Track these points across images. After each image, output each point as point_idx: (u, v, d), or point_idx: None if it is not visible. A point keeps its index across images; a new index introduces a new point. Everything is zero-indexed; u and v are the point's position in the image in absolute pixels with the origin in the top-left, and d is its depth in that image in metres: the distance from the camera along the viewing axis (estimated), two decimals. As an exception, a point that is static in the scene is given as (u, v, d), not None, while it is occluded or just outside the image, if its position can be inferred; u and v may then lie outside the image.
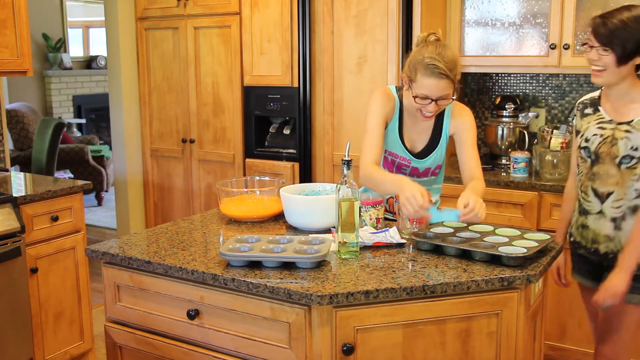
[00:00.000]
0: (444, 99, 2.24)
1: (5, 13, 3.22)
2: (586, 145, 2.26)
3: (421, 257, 2.01)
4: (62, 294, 3.24)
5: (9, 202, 2.94)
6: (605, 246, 2.27)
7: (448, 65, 2.18)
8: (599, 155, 2.21)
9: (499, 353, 1.88)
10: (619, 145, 2.17)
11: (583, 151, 2.27)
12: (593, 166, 2.24)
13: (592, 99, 2.33)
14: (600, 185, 2.22)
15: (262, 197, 2.51)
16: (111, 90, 4.53)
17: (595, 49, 2.13)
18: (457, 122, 2.41)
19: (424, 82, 2.20)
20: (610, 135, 2.19)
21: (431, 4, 3.45)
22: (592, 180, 2.25)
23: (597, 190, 2.23)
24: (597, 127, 2.24)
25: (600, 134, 2.22)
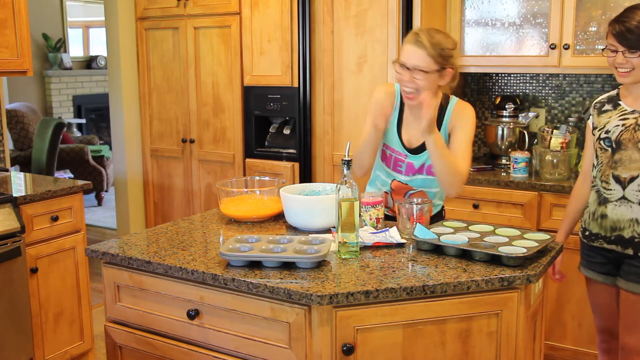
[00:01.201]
0: (418, 70, 2.24)
1: (5, 13, 3.22)
2: (607, 136, 2.30)
3: (421, 257, 2.01)
4: (62, 294, 3.24)
5: (9, 202, 2.94)
6: (632, 230, 2.28)
7: (429, 39, 2.23)
8: (621, 142, 2.26)
9: (499, 353, 1.88)
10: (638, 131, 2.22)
11: (603, 142, 2.31)
12: (614, 154, 2.27)
13: (610, 96, 2.39)
14: (623, 171, 2.25)
15: (262, 197, 2.51)
16: (111, 90, 4.53)
17: (620, 53, 2.20)
18: (455, 118, 2.41)
19: (403, 48, 2.30)
20: (633, 123, 2.25)
21: (431, 4, 3.45)
22: (613, 168, 2.27)
23: (620, 176, 2.26)
24: (619, 119, 2.29)
25: (623, 124, 2.27)
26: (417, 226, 2.13)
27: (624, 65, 2.21)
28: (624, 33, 2.18)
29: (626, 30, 2.17)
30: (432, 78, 2.27)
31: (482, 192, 3.30)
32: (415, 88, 2.28)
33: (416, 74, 2.25)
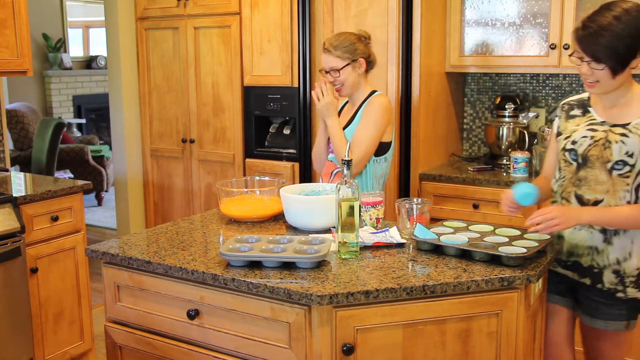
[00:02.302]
0: (334, 71, 2.67)
1: (5, 13, 3.22)
2: (572, 148, 2.08)
3: (421, 257, 2.01)
4: (62, 294, 3.24)
5: (9, 202, 2.94)
6: (591, 259, 2.10)
7: (332, 44, 2.66)
8: (588, 158, 2.04)
9: (499, 353, 1.88)
10: (612, 149, 1.99)
11: (568, 154, 2.09)
12: (579, 170, 2.06)
13: (581, 100, 2.17)
14: (587, 191, 2.04)
15: (262, 197, 2.51)
16: (111, 90, 4.53)
17: (586, 62, 1.95)
18: (367, 105, 2.70)
19: (322, 59, 2.72)
20: (602, 137, 2.02)
21: (431, 4, 3.45)
22: (576, 186, 2.06)
23: (583, 196, 2.05)
24: (587, 129, 2.07)
25: (591, 136, 2.05)
26: (417, 226, 2.13)
27: (589, 76, 1.97)
28: (586, 40, 1.92)
29: (589, 37, 1.91)
30: (347, 71, 2.67)
31: (482, 192, 3.30)
32: (339, 83, 2.69)
33: (333, 73, 2.68)
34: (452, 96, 3.80)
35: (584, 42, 1.93)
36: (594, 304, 2.15)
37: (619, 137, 2.00)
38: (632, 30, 1.89)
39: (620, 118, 2.03)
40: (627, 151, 1.98)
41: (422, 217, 2.24)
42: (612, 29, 1.88)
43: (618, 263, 2.08)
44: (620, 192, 2.00)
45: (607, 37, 1.89)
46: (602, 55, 1.90)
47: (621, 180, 2.00)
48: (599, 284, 2.12)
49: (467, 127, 3.97)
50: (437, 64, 3.59)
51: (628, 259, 2.08)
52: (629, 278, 2.08)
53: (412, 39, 3.39)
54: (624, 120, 2.02)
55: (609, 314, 2.13)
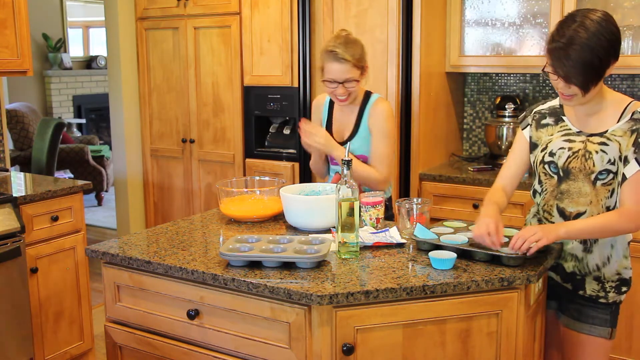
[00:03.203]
0: (349, 81, 2.51)
1: (5, 13, 3.22)
2: (551, 160, 2.04)
3: (421, 257, 2.01)
4: (62, 294, 3.24)
5: (9, 202, 2.94)
6: (573, 265, 2.10)
7: (347, 52, 2.48)
8: (570, 171, 2.00)
9: (499, 353, 1.88)
10: (594, 159, 1.96)
11: (548, 167, 2.06)
12: (561, 183, 2.03)
13: (553, 108, 2.11)
14: (569, 204, 2.02)
15: (262, 197, 2.51)
16: (111, 90, 4.53)
17: (561, 79, 1.89)
18: (371, 117, 2.61)
19: (328, 67, 2.53)
20: (581, 148, 1.98)
21: (431, 4, 3.45)
22: (558, 199, 2.04)
23: (565, 210, 2.03)
24: (563, 140, 2.03)
25: (569, 147, 2.01)
26: (417, 226, 2.13)
27: (567, 90, 1.91)
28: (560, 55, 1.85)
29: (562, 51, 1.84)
30: (360, 81, 2.57)
31: (482, 192, 3.29)
32: (348, 93, 2.55)
33: (348, 84, 2.52)
34: (452, 96, 3.80)
35: (555, 58, 1.87)
36: (579, 307, 2.14)
37: (599, 146, 1.96)
38: (601, 40, 1.83)
39: (597, 127, 1.99)
40: (609, 159, 1.95)
41: (422, 217, 2.24)
42: (581, 42, 1.82)
43: (598, 269, 2.08)
44: (602, 201, 1.99)
45: (578, 51, 1.82)
46: (575, 72, 1.84)
47: (604, 189, 1.98)
48: (581, 290, 2.12)
49: (467, 127, 3.97)
50: (437, 64, 3.59)
51: (607, 265, 2.07)
52: (609, 283, 2.09)
53: (412, 39, 3.39)
54: (601, 129, 1.98)
55: (594, 317, 2.12)
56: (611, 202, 1.99)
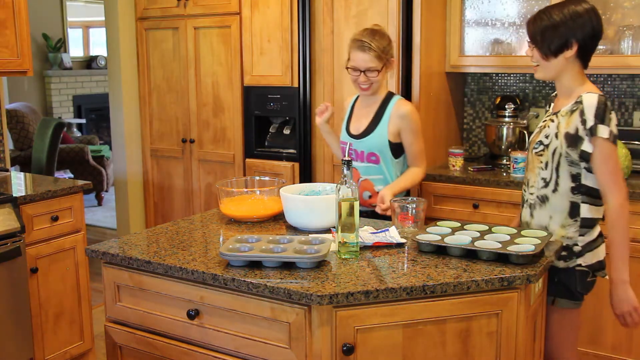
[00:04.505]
0: (371, 71, 2.64)
1: (5, 13, 3.22)
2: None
3: (421, 257, 2.01)
4: (62, 294, 3.24)
5: (9, 202, 2.94)
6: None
7: (373, 43, 2.61)
8: (530, 143, 2.29)
9: (499, 353, 1.88)
10: (541, 133, 2.22)
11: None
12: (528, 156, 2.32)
13: (551, 98, 2.39)
14: (526, 172, 2.31)
15: (262, 197, 2.51)
16: (111, 90, 4.53)
17: (530, 46, 2.17)
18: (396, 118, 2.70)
19: (353, 56, 2.67)
20: (543, 125, 2.25)
21: (431, 4, 3.45)
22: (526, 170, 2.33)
23: (524, 178, 2.33)
24: (542, 121, 2.30)
25: (539, 125, 2.30)
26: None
27: (532, 58, 2.18)
28: (528, 24, 2.17)
29: (530, 22, 2.16)
30: (383, 72, 2.68)
31: (482, 192, 3.30)
32: (371, 82, 2.68)
33: (370, 74, 2.65)
34: (452, 96, 3.80)
35: (528, 25, 2.17)
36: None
37: (549, 122, 2.21)
38: (568, 22, 2.08)
39: (559, 107, 2.21)
40: (547, 134, 2.18)
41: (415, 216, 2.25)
42: (551, 17, 2.10)
43: None
44: (536, 169, 2.21)
45: (545, 22, 2.11)
46: (535, 35, 2.13)
47: (536, 158, 2.21)
48: None
49: (467, 127, 3.97)
50: (437, 64, 3.59)
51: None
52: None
53: (412, 39, 3.39)
54: (559, 109, 2.20)
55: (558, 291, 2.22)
56: (546, 174, 2.18)
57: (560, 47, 2.09)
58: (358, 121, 2.81)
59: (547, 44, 2.10)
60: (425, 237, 2.08)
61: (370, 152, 2.75)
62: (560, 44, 2.09)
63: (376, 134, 2.73)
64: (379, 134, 2.73)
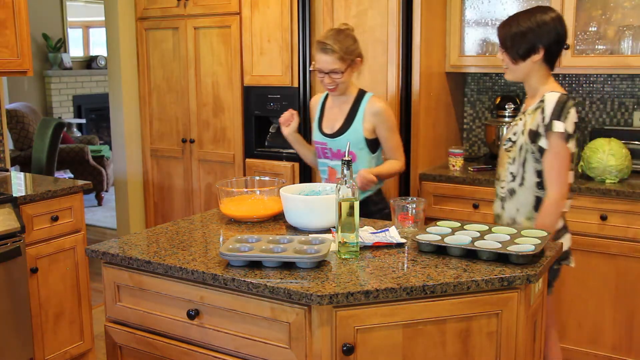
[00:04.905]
0: (335, 72, 2.65)
1: (5, 13, 3.22)
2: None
3: (421, 257, 2.01)
4: (62, 294, 3.24)
5: (9, 202, 2.94)
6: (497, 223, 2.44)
7: (336, 44, 2.61)
8: (501, 141, 2.44)
9: (499, 353, 1.88)
10: (510, 131, 2.37)
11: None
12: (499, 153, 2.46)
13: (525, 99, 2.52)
14: (497, 168, 2.46)
15: (262, 197, 2.51)
16: (111, 90, 4.53)
17: (500, 50, 2.33)
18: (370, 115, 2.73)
19: (317, 57, 2.69)
20: (514, 123, 2.39)
21: (431, 4, 3.45)
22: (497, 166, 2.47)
23: (497, 173, 2.46)
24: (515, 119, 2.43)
25: (511, 124, 2.42)
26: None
27: (502, 62, 2.33)
28: (499, 30, 2.32)
29: (500, 28, 2.30)
30: (348, 73, 2.69)
31: (482, 192, 3.30)
32: (336, 84, 2.70)
33: (334, 75, 2.66)
34: (452, 96, 3.80)
35: (499, 30, 2.32)
36: None
37: (518, 121, 2.36)
38: (535, 29, 2.24)
39: (527, 106, 2.36)
40: (515, 132, 2.34)
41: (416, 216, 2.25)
42: (519, 24, 2.26)
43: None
44: (505, 165, 2.37)
45: (514, 29, 2.26)
46: (505, 41, 2.28)
47: (505, 154, 2.37)
48: None
49: (467, 127, 3.97)
50: (437, 64, 3.59)
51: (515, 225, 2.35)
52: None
53: (412, 39, 3.39)
54: (527, 108, 2.35)
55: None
56: (514, 168, 2.33)
57: (527, 52, 2.26)
58: (331, 120, 2.82)
59: (516, 49, 2.26)
60: (425, 237, 2.08)
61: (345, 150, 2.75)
62: (527, 49, 2.25)
63: (351, 132, 2.75)
64: (354, 131, 2.75)
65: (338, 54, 2.62)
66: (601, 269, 3.09)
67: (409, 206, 2.26)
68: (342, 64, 2.65)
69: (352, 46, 2.68)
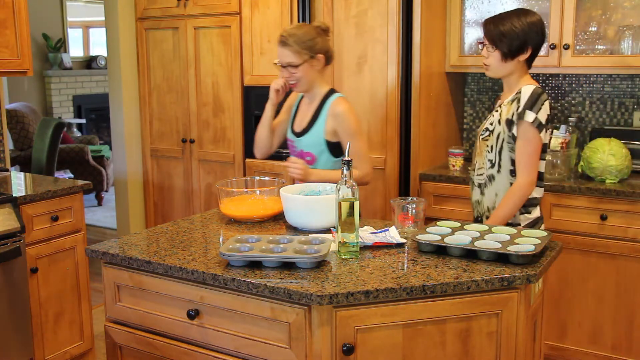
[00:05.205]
0: (291, 66, 2.61)
1: (5, 13, 3.22)
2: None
3: (421, 257, 2.01)
4: (62, 294, 3.24)
5: (9, 202, 2.94)
6: (477, 211, 2.54)
7: (292, 38, 2.58)
8: (478, 132, 2.53)
9: (499, 353, 1.88)
10: (487, 122, 2.47)
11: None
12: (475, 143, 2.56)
13: (498, 96, 2.58)
14: (473, 158, 2.56)
15: (262, 197, 2.51)
16: (111, 90, 4.53)
17: (485, 47, 2.40)
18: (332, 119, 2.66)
19: (278, 51, 2.64)
20: (490, 116, 2.49)
21: (431, 4, 3.45)
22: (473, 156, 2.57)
23: (472, 163, 2.56)
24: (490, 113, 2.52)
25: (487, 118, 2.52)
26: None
27: (485, 59, 2.41)
28: (490, 28, 2.37)
29: (493, 26, 2.37)
30: (304, 68, 2.61)
31: (482, 192, 3.30)
32: (295, 79, 2.64)
33: (290, 69, 2.61)
34: (452, 96, 3.80)
35: (487, 28, 2.39)
36: None
37: (494, 112, 2.46)
38: (526, 30, 2.34)
39: (503, 100, 2.46)
40: (491, 121, 2.45)
41: (420, 215, 2.25)
42: (511, 24, 2.35)
43: (489, 211, 2.47)
44: (484, 153, 2.46)
45: (506, 27, 2.35)
46: (497, 39, 2.35)
47: (484, 143, 2.47)
48: None
49: (467, 127, 3.97)
50: (437, 64, 3.59)
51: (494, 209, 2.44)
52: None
53: (412, 39, 3.39)
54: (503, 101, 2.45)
55: None
56: (492, 156, 2.43)
57: (517, 51, 2.36)
58: (300, 119, 2.78)
59: (508, 47, 2.35)
60: (425, 237, 2.08)
61: (306, 151, 2.73)
62: (518, 49, 2.36)
63: (312, 133, 2.71)
64: (316, 132, 2.70)
65: (293, 47, 2.57)
66: (601, 269, 3.09)
67: (409, 206, 2.26)
68: (298, 58, 2.58)
69: (312, 41, 2.59)
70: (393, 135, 3.48)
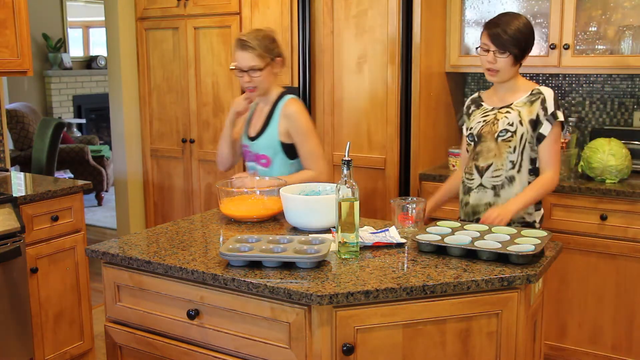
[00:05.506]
0: (254, 70, 2.60)
1: (5, 13, 3.22)
2: (470, 132, 2.55)
3: (421, 257, 2.01)
4: (62, 294, 3.24)
5: (9, 202, 2.94)
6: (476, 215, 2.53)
7: (254, 41, 2.59)
8: (482, 135, 2.50)
9: (499, 353, 1.88)
10: (499, 123, 2.46)
11: (469, 138, 2.56)
12: (476, 146, 2.51)
13: (474, 99, 2.65)
14: (481, 160, 2.49)
15: (262, 197, 2.51)
16: (111, 90, 4.53)
17: (492, 52, 2.41)
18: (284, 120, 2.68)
19: (236, 56, 2.64)
20: (492, 118, 2.49)
21: (431, 4, 3.45)
22: (475, 160, 2.51)
23: (479, 166, 2.50)
24: (481, 117, 2.54)
25: (484, 120, 2.52)
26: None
27: (493, 65, 2.42)
28: (499, 34, 2.39)
29: (502, 32, 2.38)
30: (267, 71, 2.64)
31: (482, 192, 3.30)
32: (256, 84, 2.64)
33: (253, 73, 2.61)
34: (452, 96, 3.80)
35: (495, 34, 2.39)
36: None
37: (504, 114, 2.47)
38: (530, 31, 2.43)
39: (506, 101, 2.50)
40: (509, 122, 2.45)
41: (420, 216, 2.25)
42: (517, 27, 2.40)
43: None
44: (504, 154, 2.46)
45: (514, 31, 2.39)
46: (509, 44, 2.38)
47: (505, 144, 2.45)
48: None
49: (467, 127, 3.97)
50: (437, 63, 3.59)
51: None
52: (514, 224, 2.44)
53: (412, 39, 3.39)
54: (509, 102, 2.49)
55: None
56: (514, 157, 2.45)
57: (526, 53, 2.45)
58: (254, 123, 2.79)
59: (521, 52, 2.42)
60: (425, 237, 2.08)
61: (261, 154, 2.75)
62: (527, 50, 2.44)
63: (266, 136, 2.72)
64: (269, 135, 2.72)
65: (257, 50, 2.59)
66: (601, 269, 3.09)
67: (409, 206, 2.26)
68: (261, 61, 2.60)
69: (271, 45, 2.65)
70: (393, 135, 3.48)
